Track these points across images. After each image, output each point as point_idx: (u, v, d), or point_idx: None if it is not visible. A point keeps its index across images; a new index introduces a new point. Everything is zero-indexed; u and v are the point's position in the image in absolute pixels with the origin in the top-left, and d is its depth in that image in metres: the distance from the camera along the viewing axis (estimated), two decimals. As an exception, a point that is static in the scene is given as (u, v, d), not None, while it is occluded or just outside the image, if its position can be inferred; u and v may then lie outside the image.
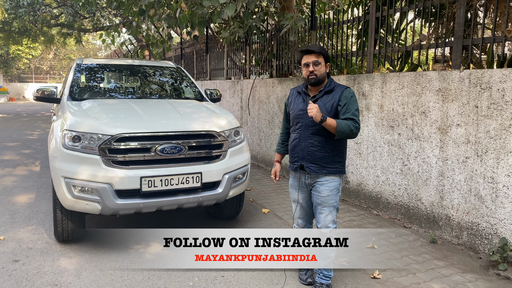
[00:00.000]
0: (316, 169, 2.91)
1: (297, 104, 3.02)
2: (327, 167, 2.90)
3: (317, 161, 2.90)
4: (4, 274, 3.29)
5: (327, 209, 2.94)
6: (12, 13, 16.91)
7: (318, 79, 2.89)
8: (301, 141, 2.95)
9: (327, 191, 2.92)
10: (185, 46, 13.33)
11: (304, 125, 2.93)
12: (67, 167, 3.55)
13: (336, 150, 2.92)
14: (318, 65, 2.87)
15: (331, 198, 2.93)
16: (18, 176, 6.62)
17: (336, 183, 2.95)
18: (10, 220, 4.55)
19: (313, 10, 6.08)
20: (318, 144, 2.89)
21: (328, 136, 2.87)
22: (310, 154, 2.91)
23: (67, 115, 3.98)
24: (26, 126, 14.39)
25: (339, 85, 2.95)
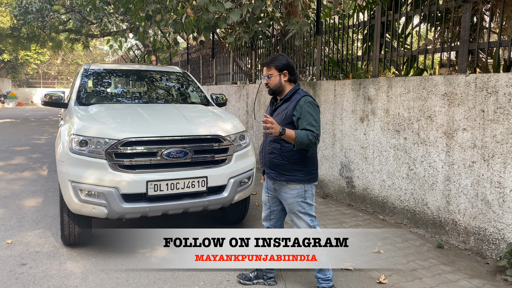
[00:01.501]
0: (275, 176, 2.96)
1: (267, 112, 3.13)
2: (286, 174, 2.92)
3: (275, 167, 2.95)
4: (12, 277, 3.32)
5: (294, 216, 2.98)
6: (21, 19, 17.12)
7: (272, 90, 2.99)
8: (263, 148, 3.06)
9: (290, 199, 2.94)
10: (191, 51, 13.40)
11: (267, 133, 2.96)
12: (74, 171, 3.58)
13: (294, 158, 2.89)
14: (269, 78, 2.96)
15: (295, 206, 2.93)
16: (26, 180, 6.68)
17: (298, 191, 2.92)
18: (17, 223, 4.59)
19: (318, 15, 6.10)
20: (275, 152, 2.94)
21: (284, 144, 2.89)
22: (269, 160, 2.98)
23: (74, 119, 4.02)
24: (34, 130, 14.52)
25: (297, 94, 2.94)
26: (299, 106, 2.84)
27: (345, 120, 5.42)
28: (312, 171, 2.97)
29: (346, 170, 5.45)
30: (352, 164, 5.33)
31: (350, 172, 5.39)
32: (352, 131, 5.31)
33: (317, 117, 2.86)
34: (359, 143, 5.18)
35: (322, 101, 5.88)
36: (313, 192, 3.01)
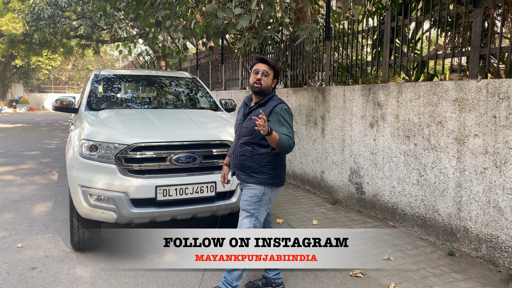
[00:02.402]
0: (245, 178, 2.97)
1: (240, 113, 3.11)
2: (254, 176, 2.92)
3: (245, 170, 2.95)
4: (22, 281, 3.34)
5: (244, 213, 2.96)
6: (33, 26, 17.36)
7: (262, 89, 2.92)
8: (235, 150, 3.05)
9: (247, 196, 2.94)
10: (200, 57, 13.47)
11: (239, 135, 3.02)
12: (84, 176, 3.60)
13: (264, 161, 2.90)
14: (266, 76, 2.93)
15: (248, 204, 2.93)
16: (36, 185, 6.74)
17: (257, 191, 2.92)
18: (28, 228, 4.62)
19: (328, 21, 6.10)
20: (246, 154, 2.94)
21: (255, 147, 2.91)
22: (240, 163, 2.98)
23: (84, 124, 4.05)
24: (45, 135, 14.67)
25: (273, 100, 2.93)
26: (275, 113, 2.86)
27: (355, 125, 5.39)
28: (280, 175, 2.99)
29: (356, 176, 5.42)
30: (362, 170, 5.30)
31: (359, 178, 5.35)
32: (361, 136, 5.28)
33: (292, 124, 2.91)
34: (369, 149, 5.15)
35: (332, 107, 5.86)
36: (272, 197, 2.99)
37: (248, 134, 2.93)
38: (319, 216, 5.15)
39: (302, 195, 6.22)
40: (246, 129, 2.94)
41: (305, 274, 3.53)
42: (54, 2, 16.24)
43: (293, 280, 3.43)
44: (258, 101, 2.98)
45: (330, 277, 3.49)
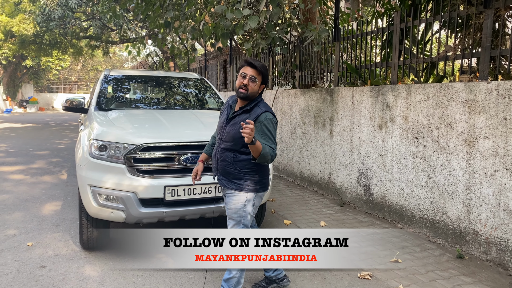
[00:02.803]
0: (225, 183, 2.90)
1: (222, 115, 3.01)
2: (236, 182, 2.85)
3: (226, 175, 2.88)
4: (32, 279, 3.37)
5: (231, 222, 2.91)
6: (44, 26, 17.53)
7: (247, 95, 2.79)
8: (216, 153, 2.95)
9: (231, 204, 2.87)
10: (209, 58, 13.51)
11: (220, 138, 2.91)
12: (93, 176, 3.63)
13: (246, 168, 2.83)
14: (253, 82, 2.79)
15: (234, 212, 2.86)
16: (46, 184, 6.80)
17: (241, 198, 2.85)
18: (38, 226, 4.67)
19: (337, 22, 6.09)
20: (227, 160, 2.85)
21: (237, 154, 2.82)
22: (221, 167, 2.89)
23: (94, 124, 4.08)
24: (54, 135, 14.80)
25: (258, 107, 2.82)
26: (259, 122, 2.73)
27: (363, 127, 5.37)
28: (262, 180, 2.92)
29: (364, 178, 5.39)
30: (370, 172, 5.27)
31: (368, 179, 5.33)
32: (370, 138, 5.26)
33: (275, 134, 2.81)
34: (377, 151, 5.12)
35: (340, 108, 5.84)
36: (256, 202, 2.93)
37: (229, 140, 2.83)
38: (327, 218, 5.13)
39: (310, 197, 6.21)
40: (228, 135, 2.84)
41: (313, 275, 3.53)
42: (64, 3, 16.39)
43: (301, 281, 3.42)
44: (243, 106, 2.86)
45: (338, 278, 3.48)
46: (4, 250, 3.95)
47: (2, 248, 4.00)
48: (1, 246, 4.06)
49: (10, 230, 4.51)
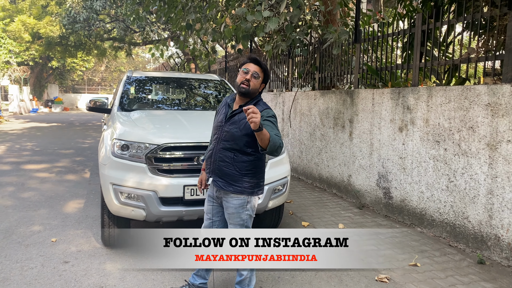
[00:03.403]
0: (222, 185, 2.80)
1: (219, 114, 2.91)
2: (234, 184, 2.78)
3: (224, 177, 2.79)
4: (55, 274, 3.48)
5: (232, 227, 2.88)
6: (69, 28, 17.98)
7: (249, 91, 2.73)
8: (213, 154, 2.84)
9: (232, 209, 2.83)
10: (229, 59, 13.61)
11: (219, 138, 2.82)
12: (115, 174, 3.73)
13: (245, 169, 2.77)
14: (256, 78, 2.74)
15: (236, 216, 2.83)
16: (70, 182, 6.98)
17: (241, 201, 2.81)
18: (61, 223, 4.80)
19: (357, 23, 6.06)
20: (227, 160, 2.77)
21: (237, 153, 2.76)
22: (218, 168, 2.80)
23: (116, 124, 4.18)
24: (78, 134, 15.14)
25: (260, 105, 2.78)
26: (262, 118, 2.63)
27: (383, 129, 5.34)
28: (260, 183, 2.89)
29: (384, 181, 5.35)
30: (390, 175, 5.23)
31: (387, 182, 5.29)
32: (390, 140, 5.22)
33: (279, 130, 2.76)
34: (398, 153, 5.08)
35: (360, 110, 5.81)
36: (256, 203, 2.92)
37: (230, 139, 2.76)
38: (345, 220, 5.12)
39: (328, 199, 6.19)
40: (228, 134, 2.77)
41: (330, 277, 3.53)
42: (89, 5, 16.76)
43: (317, 282, 3.43)
44: (243, 104, 2.78)
45: (355, 281, 3.47)
46: (30, 245, 4.09)
47: (28, 243, 4.14)
48: (27, 241, 4.20)
49: (35, 226, 4.66)
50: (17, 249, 4.00)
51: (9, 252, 3.92)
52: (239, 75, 2.79)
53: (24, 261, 3.71)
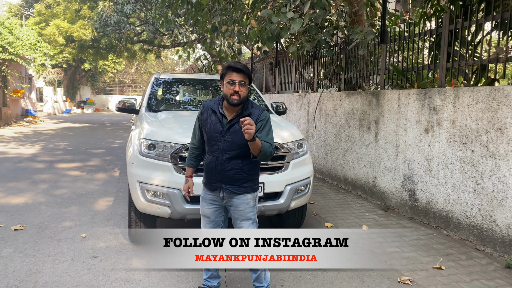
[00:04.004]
0: (235, 190, 2.87)
1: (213, 125, 2.85)
2: (244, 186, 2.88)
3: (234, 182, 2.85)
4: (85, 268, 3.63)
5: (245, 223, 2.92)
6: (101, 32, 18.53)
7: (241, 101, 2.75)
8: (218, 165, 2.84)
9: (244, 205, 2.89)
10: (255, 61, 13.69)
11: (221, 149, 2.81)
12: (142, 173, 3.84)
13: (251, 170, 2.88)
14: (243, 86, 2.74)
15: (248, 211, 2.91)
16: (100, 180, 7.21)
17: (251, 195, 2.93)
18: (91, 220, 4.98)
19: (384, 24, 6.01)
20: (236, 167, 2.82)
21: (244, 158, 2.82)
22: (228, 177, 2.84)
23: (144, 125, 4.31)
24: (109, 135, 15.57)
25: (255, 108, 2.85)
26: (261, 122, 2.78)
27: (409, 130, 5.28)
28: (258, 178, 3.02)
29: (409, 183, 5.29)
30: (416, 177, 5.16)
31: (413, 184, 5.22)
32: (416, 142, 5.15)
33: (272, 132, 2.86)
34: (423, 155, 5.01)
35: (386, 111, 5.76)
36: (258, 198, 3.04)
37: (235, 148, 2.79)
38: (369, 222, 5.09)
39: (353, 201, 6.16)
40: (231, 143, 2.79)
41: (351, 277, 3.53)
42: (120, 9, 17.22)
43: (339, 282, 3.44)
44: (240, 111, 2.81)
45: (377, 282, 3.46)
46: (61, 240, 4.27)
47: (59, 238, 4.32)
48: (58, 236, 4.38)
49: (67, 222, 4.85)
50: (49, 243, 4.18)
51: (42, 246, 4.10)
52: (224, 85, 2.78)
53: (56, 255, 3.88)
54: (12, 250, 3.97)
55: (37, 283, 3.30)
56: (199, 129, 3.02)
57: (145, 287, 3.31)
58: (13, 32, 15.65)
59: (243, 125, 2.49)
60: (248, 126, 2.48)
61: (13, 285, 3.27)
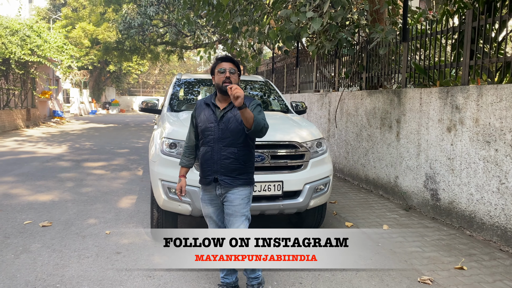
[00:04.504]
0: (230, 181, 2.89)
1: (206, 116, 2.94)
2: (240, 178, 2.90)
3: (230, 173, 2.88)
4: (108, 263, 3.74)
5: (238, 219, 2.90)
6: (125, 34, 18.90)
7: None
8: (214, 154, 2.89)
9: (239, 200, 2.90)
10: (276, 61, 13.72)
11: (216, 138, 2.88)
12: (164, 171, 3.93)
13: (248, 161, 2.93)
14: (233, 73, 2.86)
15: (242, 207, 2.91)
16: (123, 179, 7.38)
17: (247, 192, 2.94)
18: (115, 217, 5.11)
19: (405, 22, 5.95)
20: (231, 156, 2.86)
21: (239, 147, 2.87)
22: (224, 167, 2.87)
23: (166, 124, 4.40)
24: (133, 135, 15.87)
25: (247, 98, 2.85)
26: (252, 105, 2.83)
27: (431, 129, 5.21)
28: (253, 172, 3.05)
29: (431, 182, 5.22)
30: (438, 176, 5.09)
31: (435, 184, 5.15)
32: (438, 141, 5.08)
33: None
34: (446, 154, 4.94)
35: (407, 110, 5.70)
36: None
37: (229, 136, 2.85)
38: (390, 222, 5.05)
39: (374, 200, 6.12)
40: (226, 131, 2.86)
41: (370, 276, 3.52)
42: (143, 11, 17.53)
43: (358, 281, 3.44)
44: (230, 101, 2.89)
45: (397, 281, 3.44)
46: (86, 237, 4.40)
47: (85, 235, 4.45)
48: (84, 233, 4.52)
49: (92, 219, 5.00)
50: (75, 239, 4.32)
51: (68, 242, 4.24)
52: (215, 76, 2.90)
53: (81, 250, 4.01)
54: (40, 245, 4.12)
55: (63, 277, 3.43)
56: (193, 126, 3.09)
57: (166, 282, 3.39)
58: (41, 36, 16.12)
59: (231, 90, 2.52)
60: (236, 90, 2.50)
61: (41, 278, 3.40)
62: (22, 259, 3.78)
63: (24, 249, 4.02)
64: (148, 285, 3.33)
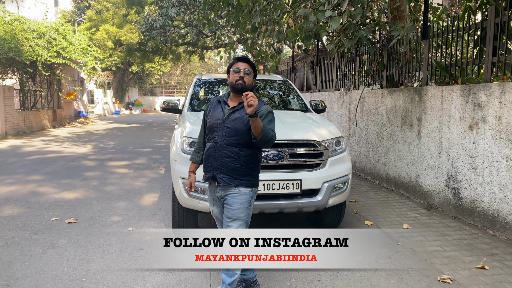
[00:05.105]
0: (228, 180, 2.84)
1: (215, 113, 2.96)
2: (239, 178, 2.84)
3: (229, 172, 2.84)
4: (131, 259, 3.85)
5: (236, 223, 2.85)
6: (147, 35, 19.20)
7: (245, 86, 2.83)
8: (215, 151, 2.88)
9: (238, 204, 2.84)
10: (296, 60, 13.71)
11: (220, 135, 2.86)
12: (184, 169, 4.00)
13: (250, 162, 2.86)
14: (248, 74, 2.87)
15: (241, 212, 2.84)
16: (146, 178, 7.54)
17: (247, 196, 2.87)
18: (137, 215, 5.24)
19: (426, 19, 5.88)
20: (232, 155, 2.83)
21: (242, 147, 2.82)
22: (223, 164, 2.84)
23: (186, 124, 4.49)
24: (155, 134, 16.13)
25: (259, 101, 2.80)
26: (261, 113, 2.79)
27: (453, 127, 5.14)
28: (258, 175, 2.99)
29: (453, 181, 5.15)
30: (460, 175, 5.03)
31: (457, 183, 5.08)
32: (460, 139, 5.01)
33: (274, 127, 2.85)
34: (468, 153, 4.87)
35: (428, 108, 5.64)
36: (255, 198, 2.99)
37: (234, 134, 2.84)
38: (411, 221, 5.01)
39: (395, 199, 6.07)
40: (231, 129, 2.84)
41: (389, 275, 3.52)
42: (165, 13, 17.78)
43: (376, 279, 3.44)
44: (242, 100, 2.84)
45: (416, 280, 3.43)
46: (110, 233, 4.53)
47: (108, 231, 4.59)
48: (108, 229, 4.66)
49: (115, 217, 5.13)
50: (99, 235, 4.46)
51: (92, 238, 4.38)
52: (230, 75, 2.91)
53: (105, 246, 4.13)
54: (66, 241, 4.27)
55: (88, 271, 3.55)
56: (204, 123, 3.10)
57: (187, 278, 3.48)
58: (66, 38, 16.55)
59: (246, 98, 2.51)
60: (251, 98, 2.49)
61: (67, 272, 3.53)
62: (49, 254, 3.93)
63: (51, 245, 4.17)
64: (169, 281, 3.42)
